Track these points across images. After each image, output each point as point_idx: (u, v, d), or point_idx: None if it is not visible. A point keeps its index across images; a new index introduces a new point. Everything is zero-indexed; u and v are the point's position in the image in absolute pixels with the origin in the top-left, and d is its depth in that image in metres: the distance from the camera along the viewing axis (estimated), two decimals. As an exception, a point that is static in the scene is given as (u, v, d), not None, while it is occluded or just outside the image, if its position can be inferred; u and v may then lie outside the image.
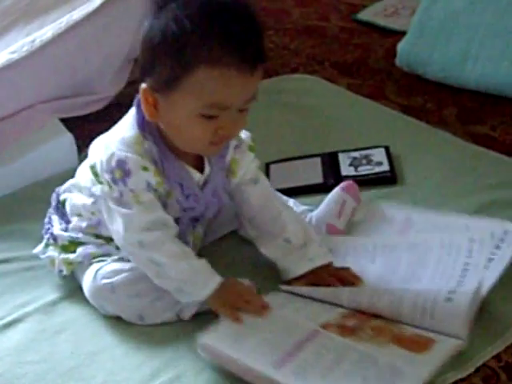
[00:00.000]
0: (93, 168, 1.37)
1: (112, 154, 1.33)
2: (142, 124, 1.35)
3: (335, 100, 2.12)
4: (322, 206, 1.58)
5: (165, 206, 1.38)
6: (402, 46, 2.26)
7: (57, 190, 1.55)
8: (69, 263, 1.46)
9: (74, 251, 1.47)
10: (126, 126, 1.37)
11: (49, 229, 1.52)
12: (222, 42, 1.23)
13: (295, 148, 1.90)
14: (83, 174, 1.45)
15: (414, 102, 2.14)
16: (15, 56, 1.97)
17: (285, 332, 1.28)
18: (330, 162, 1.82)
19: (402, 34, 2.41)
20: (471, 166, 1.80)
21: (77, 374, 1.30)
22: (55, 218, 1.52)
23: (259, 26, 1.28)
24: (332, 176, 1.77)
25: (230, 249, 1.58)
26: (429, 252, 1.46)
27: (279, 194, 1.55)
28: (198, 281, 1.34)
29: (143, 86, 1.31)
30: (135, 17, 2.14)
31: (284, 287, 1.42)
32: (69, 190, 1.50)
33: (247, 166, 1.46)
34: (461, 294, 1.31)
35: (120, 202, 1.34)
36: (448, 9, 2.20)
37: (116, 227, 1.36)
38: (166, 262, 1.33)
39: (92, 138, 1.99)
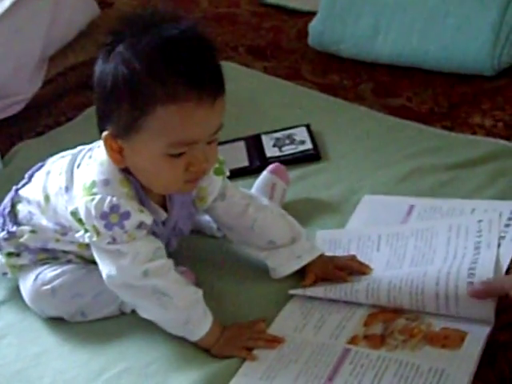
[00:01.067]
0: (75, 214, 1.29)
1: (101, 199, 1.26)
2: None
3: (253, 84, 2.13)
4: (253, 191, 1.58)
5: None
6: (312, 25, 2.29)
7: (13, 191, 1.46)
8: (13, 266, 1.43)
9: (18, 254, 1.43)
10: (106, 167, 1.29)
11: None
12: (175, 77, 1.18)
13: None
14: (54, 201, 1.37)
15: (330, 80, 2.17)
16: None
17: (315, 358, 1.25)
18: (254, 145, 1.84)
19: (312, 14, 2.44)
20: (392, 137, 1.84)
21: (24, 377, 1.29)
22: (5, 223, 1.44)
23: (214, 55, 1.25)
24: (257, 158, 1.80)
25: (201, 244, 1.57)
26: (436, 236, 1.45)
27: (253, 197, 1.48)
28: (199, 311, 1.30)
29: (104, 134, 1.25)
30: (45, 16, 2.13)
31: (294, 292, 1.39)
32: (28, 202, 1.42)
33: (217, 189, 1.42)
34: (480, 277, 1.29)
35: (115, 244, 1.28)
36: (356, -15, 2.24)
37: (118, 265, 1.28)
38: (172, 290, 1.28)
39: (13, 141, 2.00)
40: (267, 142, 1.84)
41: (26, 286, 1.41)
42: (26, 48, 2.07)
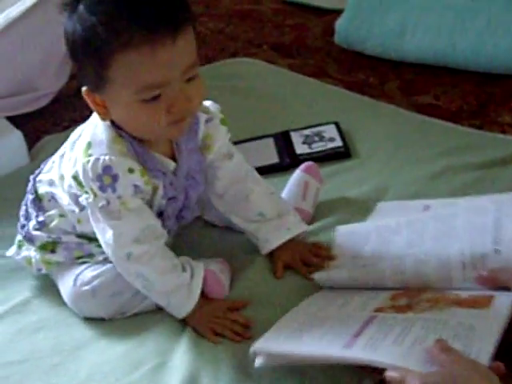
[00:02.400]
0: (76, 178, 1.31)
1: (96, 160, 1.27)
2: (114, 123, 1.31)
3: (279, 81, 2.13)
4: (286, 191, 1.58)
5: (151, 205, 1.35)
6: (339, 23, 2.29)
7: (31, 179, 1.47)
8: (48, 263, 1.43)
9: (53, 250, 1.43)
10: (100, 127, 1.31)
11: (24, 226, 1.46)
12: (127, 24, 1.18)
13: (246, 130, 1.90)
14: (66, 177, 1.37)
15: (356, 77, 2.17)
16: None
17: (341, 323, 1.21)
18: (283, 142, 1.84)
19: (336, 12, 2.45)
20: (420, 135, 1.84)
21: (62, 370, 1.29)
22: (30, 212, 1.46)
23: None
24: (287, 155, 1.79)
25: (197, 232, 1.57)
26: (455, 217, 1.41)
27: (252, 169, 1.50)
28: (181, 296, 1.33)
29: (83, 90, 1.27)
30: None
31: (318, 275, 1.39)
32: (49, 184, 1.43)
33: (222, 139, 1.43)
34: (507, 244, 1.28)
35: (107, 211, 1.29)
36: (383, -16, 2.24)
37: (105, 239, 1.31)
38: (154, 278, 1.31)
39: (40, 134, 2.00)
40: (296, 139, 1.84)
41: (65, 286, 1.41)
42: (53, 42, 2.06)
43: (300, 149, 1.80)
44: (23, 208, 1.49)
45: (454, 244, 1.33)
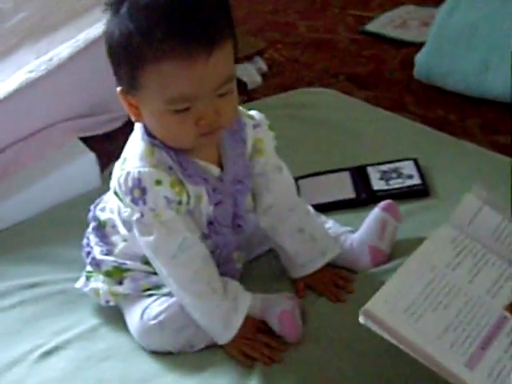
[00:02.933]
0: (116, 194, 1.32)
1: (127, 174, 1.29)
2: (149, 132, 1.31)
3: (356, 113, 2.10)
4: (363, 228, 1.53)
5: (198, 213, 1.34)
6: (419, 57, 2.25)
7: (92, 208, 1.48)
8: (116, 294, 1.41)
9: (120, 278, 1.41)
10: (136, 141, 1.33)
11: (89, 253, 1.46)
12: (162, 34, 1.18)
13: (321, 162, 1.87)
14: (112, 197, 1.39)
15: (434, 113, 2.13)
16: (33, 75, 1.95)
17: (468, 315, 1.09)
18: (360, 176, 1.79)
19: (414, 45, 2.41)
20: (500, 176, 1.78)
21: (129, 402, 1.26)
22: (94, 240, 1.46)
23: (210, 11, 1.20)
24: (364, 190, 1.75)
25: (267, 263, 1.54)
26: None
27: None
28: (217, 324, 1.31)
29: (118, 89, 1.30)
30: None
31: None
32: (111, 211, 1.43)
33: (271, 143, 1.44)
34: None
35: (142, 224, 1.30)
36: (466, 19, 2.19)
37: (148, 254, 1.33)
38: (189, 300, 1.31)
39: (113, 157, 1.98)
40: (373, 174, 1.79)
41: (133, 320, 1.38)
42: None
43: (377, 185, 1.76)
44: (87, 236, 1.48)
45: None
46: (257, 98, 2.28)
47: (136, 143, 1.33)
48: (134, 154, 1.31)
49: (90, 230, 1.48)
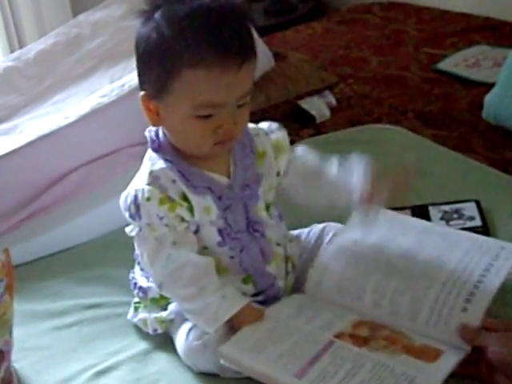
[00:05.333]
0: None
1: (127, 193, 1.38)
2: (154, 146, 1.40)
3: (422, 151, 2.09)
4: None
5: (202, 227, 1.40)
6: (489, 98, 2.22)
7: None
8: (162, 321, 1.44)
9: (165, 306, 1.45)
10: (143, 164, 1.42)
11: (136, 283, 1.51)
12: (202, 42, 1.27)
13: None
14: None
15: (502, 155, 2.09)
16: (105, 100, 2.00)
17: (302, 343, 1.32)
18: (421, 215, 1.78)
19: (486, 85, 2.38)
20: None
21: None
22: (138, 270, 1.51)
23: (244, 23, 1.32)
24: (423, 230, 1.74)
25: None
26: (459, 244, 1.50)
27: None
28: (208, 317, 1.35)
29: (141, 94, 1.36)
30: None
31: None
32: None
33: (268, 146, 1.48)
34: (475, 306, 1.35)
35: (140, 238, 1.39)
36: (537, 62, 2.17)
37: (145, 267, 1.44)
38: (184, 307, 1.38)
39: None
40: (434, 213, 1.78)
41: (179, 341, 1.41)
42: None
43: (438, 225, 1.75)
44: (133, 267, 1.55)
45: (436, 285, 1.40)
46: (324, 131, 2.29)
47: (142, 166, 1.41)
48: (136, 176, 1.40)
49: (135, 259, 1.52)
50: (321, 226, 1.59)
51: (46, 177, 1.92)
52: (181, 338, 1.40)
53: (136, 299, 1.50)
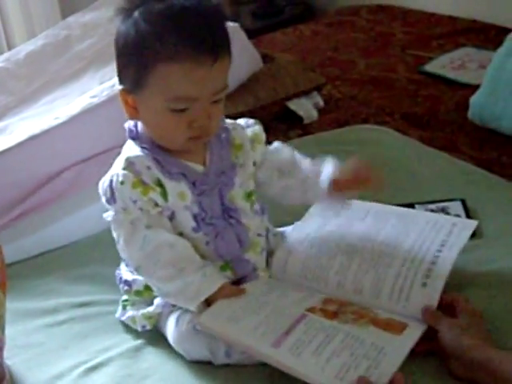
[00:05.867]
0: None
1: (104, 181, 1.43)
2: (132, 135, 1.46)
3: (408, 151, 2.12)
4: None
5: (176, 212, 1.43)
6: (474, 99, 2.26)
7: None
8: (149, 317, 1.47)
9: (150, 298, 1.48)
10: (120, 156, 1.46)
11: (121, 278, 1.53)
12: (176, 38, 1.32)
13: (370, 198, 1.86)
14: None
15: (487, 155, 2.13)
16: (96, 100, 2.02)
17: (276, 315, 1.38)
18: (407, 214, 1.81)
19: (471, 86, 2.42)
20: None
21: (164, 421, 1.30)
22: (123, 265, 1.54)
23: (219, 21, 1.37)
24: (410, 228, 1.76)
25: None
26: (415, 223, 1.59)
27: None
28: (187, 296, 1.38)
29: (119, 88, 1.42)
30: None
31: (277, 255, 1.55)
32: None
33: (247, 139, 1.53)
34: (434, 280, 1.43)
35: (116, 222, 1.42)
36: (522, 63, 2.20)
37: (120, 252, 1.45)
38: (162, 287, 1.41)
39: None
40: (421, 212, 1.81)
41: (170, 330, 1.43)
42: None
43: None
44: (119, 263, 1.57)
45: (396, 263, 1.48)
46: (312, 132, 2.31)
47: (120, 155, 1.46)
48: (114, 163, 1.45)
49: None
50: None
51: (36, 177, 1.93)
52: (171, 327, 1.42)
53: (124, 297, 1.53)
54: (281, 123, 2.37)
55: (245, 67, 2.35)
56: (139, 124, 1.46)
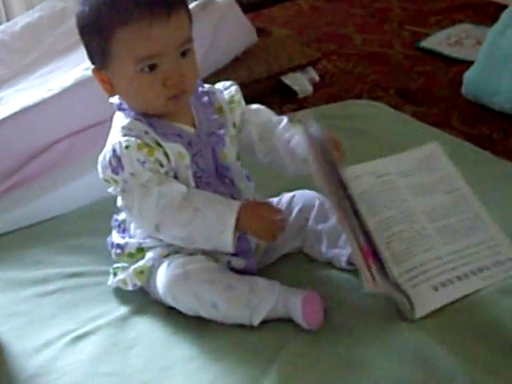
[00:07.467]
0: (106, 180, 1.44)
1: (104, 153, 1.42)
2: (120, 107, 1.47)
3: (400, 127, 2.11)
4: None
5: (178, 171, 1.44)
6: (468, 75, 2.26)
7: (114, 216, 1.59)
8: (140, 272, 1.48)
9: (142, 257, 1.49)
10: (114, 127, 1.46)
11: (113, 243, 1.55)
12: (127, 3, 1.35)
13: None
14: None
15: (479, 131, 2.14)
16: (89, 72, 2.01)
17: None
18: (397, 189, 1.81)
19: (466, 63, 2.42)
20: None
21: (149, 388, 1.31)
22: (115, 232, 1.56)
23: None
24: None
25: (296, 265, 1.57)
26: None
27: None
28: (216, 230, 1.39)
29: (91, 68, 1.46)
30: (205, 40, 2.18)
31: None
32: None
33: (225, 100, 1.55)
34: (451, 288, 1.42)
35: (127, 191, 1.41)
36: (516, 39, 2.20)
37: (134, 219, 1.47)
38: (185, 233, 1.40)
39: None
40: (412, 187, 1.81)
41: (160, 277, 1.44)
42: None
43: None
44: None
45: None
46: (306, 107, 2.32)
47: (112, 127, 1.46)
48: (109, 137, 1.45)
49: (112, 226, 1.58)
50: (290, 194, 1.62)
51: (29, 148, 1.95)
52: (161, 273, 1.44)
53: (115, 265, 1.54)
54: (275, 97, 2.38)
55: (239, 40, 2.35)
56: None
